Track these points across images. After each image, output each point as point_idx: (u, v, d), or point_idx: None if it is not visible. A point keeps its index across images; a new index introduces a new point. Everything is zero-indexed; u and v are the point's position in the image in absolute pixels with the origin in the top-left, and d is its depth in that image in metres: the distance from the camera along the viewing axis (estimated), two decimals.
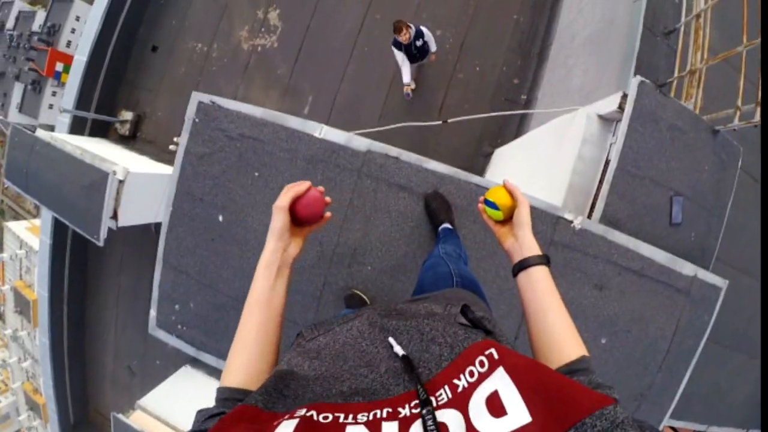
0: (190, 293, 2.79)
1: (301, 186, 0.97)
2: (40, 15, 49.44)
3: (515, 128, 6.02)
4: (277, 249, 0.95)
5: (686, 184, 2.79)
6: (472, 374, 0.58)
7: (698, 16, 3.17)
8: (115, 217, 5.18)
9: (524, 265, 1.02)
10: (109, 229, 5.21)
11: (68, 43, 45.06)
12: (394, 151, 2.51)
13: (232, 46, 7.27)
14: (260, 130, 2.56)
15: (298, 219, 1.01)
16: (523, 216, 1.09)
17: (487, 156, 5.92)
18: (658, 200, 2.73)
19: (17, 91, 46.37)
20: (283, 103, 6.94)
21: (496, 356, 0.59)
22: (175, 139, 6.50)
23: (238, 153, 2.59)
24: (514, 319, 2.48)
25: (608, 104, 2.77)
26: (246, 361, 0.85)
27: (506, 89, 6.32)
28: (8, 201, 54.21)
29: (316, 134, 2.54)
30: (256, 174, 2.58)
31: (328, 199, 1.02)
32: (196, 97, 2.69)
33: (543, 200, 2.47)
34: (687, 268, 2.53)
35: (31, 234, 28.15)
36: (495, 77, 6.38)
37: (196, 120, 2.68)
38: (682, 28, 3.29)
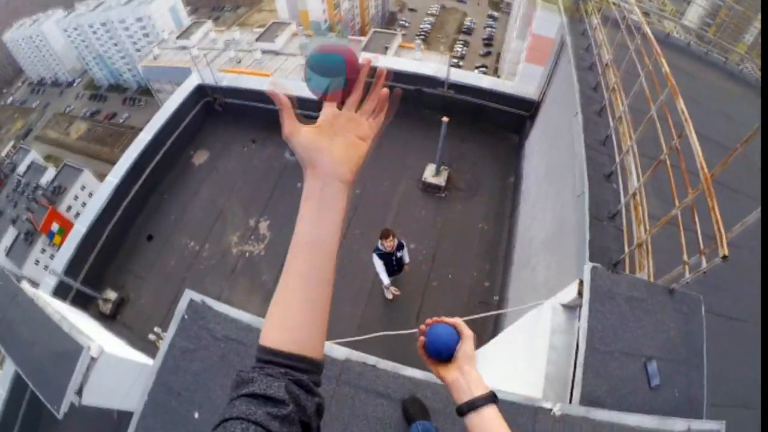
0: None
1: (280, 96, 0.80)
2: (50, 173, 52.35)
3: (491, 329, 6.22)
4: (311, 179, 0.80)
5: (656, 347, 2.87)
6: None
7: (634, 194, 3.58)
8: (79, 393, 4.94)
9: (474, 405, 1.00)
10: (71, 404, 4.91)
11: (69, 208, 46.93)
12: (371, 359, 2.62)
13: (222, 249, 7.78)
14: (245, 334, 2.68)
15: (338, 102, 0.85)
16: (469, 350, 1.08)
17: None
18: (632, 369, 2.78)
19: (10, 234, 47.16)
20: (264, 308, 7.10)
21: None
22: (155, 329, 6.57)
23: (221, 353, 2.66)
24: None
25: (568, 293, 3.00)
26: (288, 318, 0.76)
27: (479, 293, 6.84)
28: None
29: None
30: None
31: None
32: (189, 295, 2.83)
33: (520, 394, 2.51)
34: (678, 425, 2.50)
35: None
36: (467, 282, 6.95)
37: (185, 316, 2.79)
38: (623, 209, 3.69)
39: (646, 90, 3.91)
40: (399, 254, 5.70)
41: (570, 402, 2.68)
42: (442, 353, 1.10)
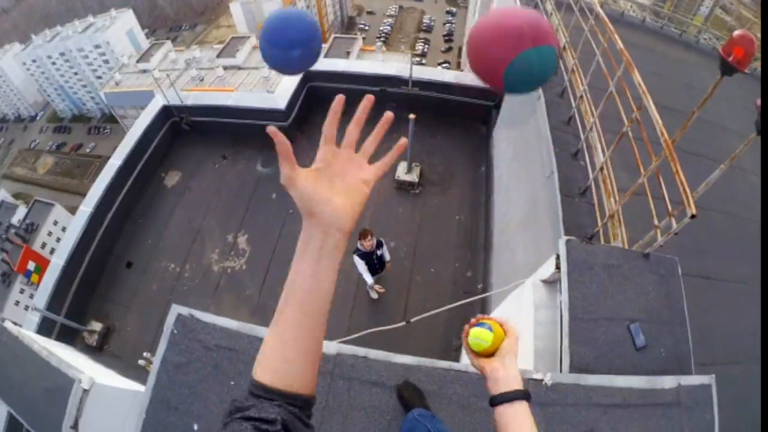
0: None
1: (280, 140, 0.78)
2: (21, 211, 50.85)
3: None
4: (310, 228, 0.78)
5: (638, 309, 2.97)
6: None
7: (601, 169, 3.69)
8: (75, 427, 4.91)
9: (510, 397, 1.05)
10: None
11: (43, 245, 45.72)
12: (362, 351, 2.68)
13: (204, 268, 7.76)
14: (235, 341, 2.70)
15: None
16: (514, 345, 1.15)
17: (457, 349, 6.17)
18: (617, 334, 2.87)
19: None
20: (252, 321, 7.22)
21: None
22: (145, 354, 6.49)
23: (214, 362, 2.67)
24: None
25: (547, 268, 3.10)
26: (283, 360, 0.75)
27: (462, 283, 6.96)
28: None
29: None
30: (232, 383, 2.64)
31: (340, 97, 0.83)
32: (176, 310, 2.84)
33: None
34: (668, 382, 2.59)
35: None
36: (450, 274, 7.07)
37: (175, 331, 2.80)
38: (593, 184, 3.81)
39: (603, 68, 4.04)
40: (379, 252, 5.76)
41: (560, 371, 2.75)
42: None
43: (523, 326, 3.28)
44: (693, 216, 2.49)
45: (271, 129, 0.76)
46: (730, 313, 4.16)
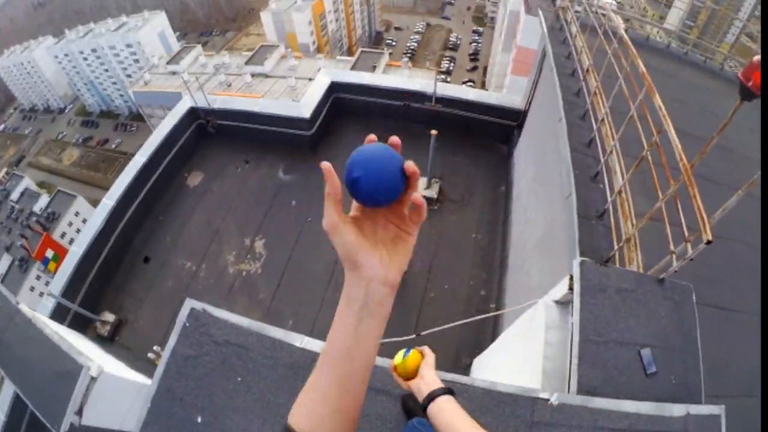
0: None
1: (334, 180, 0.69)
2: (43, 199, 52.24)
3: (490, 337, 6.28)
4: (354, 281, 0.74)
5: (650, 335, 2.93)
6: None
7: (620, 192, 3.68)
8: (79, 413, 4.92)
9: (432, 396, 1.18)
10: (71, 425, 4.87)
11: (63, 234, 46.68)
12: None
13: (219, 269, 7.87)
14: (245, 338, 2.75)
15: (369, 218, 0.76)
16: (428, 360, 1.33)
17: (467, 367, 6.13)
18: (627, 358, 2.83)
19: (4, 262, 46.86)
20: (263, 323, 7.39)
21: None
22: (154, 348, 6.60)
23: (222, 357, 2.72)
24: None
25: (560, 289, 3.08)
26: (319, 413, 0.74)
27: (476, 301, 6.94)
28: None
29: (297, 344, 2.75)
30: (239, 379, 2.68)
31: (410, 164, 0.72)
32: (190, 303, 2.91)
33: (517, 385, 2.58)
34: (676, 410, 2.54)
35: None
36: (464, 292, 7.05)
37: (187, 324, 2.85)
38: (610, 207, 3.79)
39: (625, 91, 4.04)
40: None
41: (568, 393, 2.72)
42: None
43: (532, 346, 3.26)
44: (709, 242, 2.47)
45: (326, 166, 0.68)
46: (744, 345, 4.06)
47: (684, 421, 2.53)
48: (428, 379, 1.27)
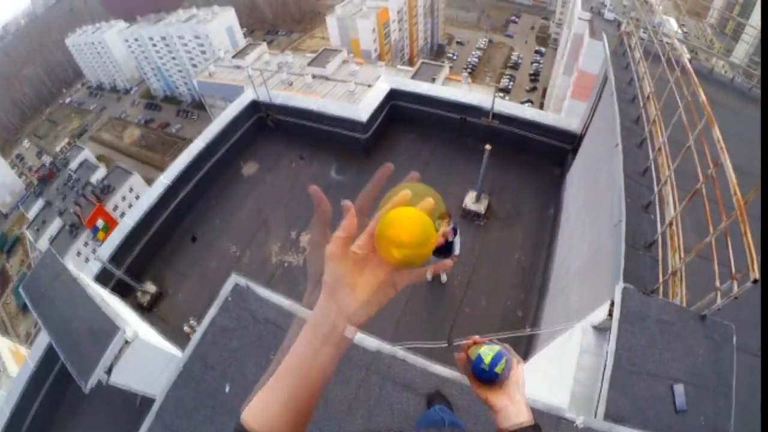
0: None
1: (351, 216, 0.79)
2: (101, 172, 55.00)
3: (522, 355, 6.12)
4: (327, 309, 0.77)
5: (684, 371, 2.86)
6: None
7: (670, 224, 3.60)
8: (108, 372, 5.12)
9: (524, 430, 1.00)
10: (98, 382, 5.08)
11: (115, 207, 48.84)
12: (401, 353, 2.77)
13: (263, 257, 8.09)
14: (284, 319, 2.87)
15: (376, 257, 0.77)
16: (520, 377, 1.10)
17: None
18: (659, 392, 2.78)
19: (56, 225, 49.46)
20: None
21: None
22: (190, 321, 6.83)
23: (259, 334, 2.84)
24: None
25: (599, 314, 3.05)
26: (268, 415, 0.76)
27: (511, 322, 6.80)
28: (3, 316, 53.65)
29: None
30: (271, 356, 2.79)
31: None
32: (234, 279, 3.05)
33: (544, 402, 2.57)
34: None
35: (11, 357, 26.35)
36: (500, 311, 6.96)
37: (229, 298, 3.00)
38: (659, 238, 3.71)
39: (684, 121, 3.97)
40: (450, 238, 5.63)
41: (594, 417, 2.70)
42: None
43: (564, 368, 3.24)
44: (755, 280, 2.41)
45: (314, 190, 0.79)
46: None
47: None
48: (519, 405, 1.06)
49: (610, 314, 2.99)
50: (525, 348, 6.19)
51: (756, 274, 2.41)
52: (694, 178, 3.47)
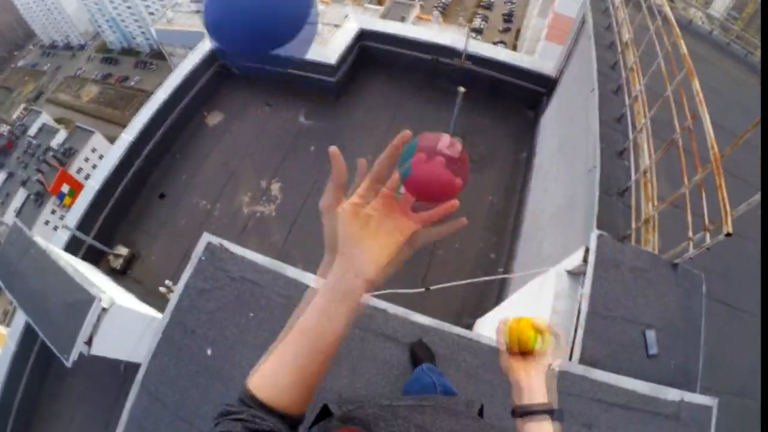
0: (162, 425, 2.65)
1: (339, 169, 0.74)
2: (61, 135, 52.33)
3: (494, 300, 6.28)
4: (344, 272, 0.72)
5: (656, 317, 2.95)
6: None
7: (645, 172, 3.63)
8: (89, 343, 5.04)
9: (537, 410, 0.98)
10: (80, 355, 5.01)
11: (79, 170, 46.88)
12: (382, 304, 2.75)
13: (234, 209, 7.94)
14: (261, 276, 2.81)
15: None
16: (546, 356, 1.06)
17: (468, 327, 6.16)
18: (631, 336, 2.87)
19: (20, 196, 47.36)
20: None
21: None
22: (166, 282, 6.70)
23: (236, 293, 2.78)
24: None
25: (574, 259, 3.08)
26: (277, 381, 0.73)
27: (484, 264, 6.92)
28: None
29: (312, 284, 2.74)
30: (251, 315, 2.75)
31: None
32: (206, 238, 2.95)
33: None
34: (672, 394, 2.59)
35: None
36: (473, 253, 7.02)
37: (203, 258, 2.91)
38: (633, 186, 3.75)
39: (663, 71, 3.91)
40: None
41: (569, 361, 2.76)
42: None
43: (538, 313, 3.28)
44: (728, 234, 2.45)
45: (333, 150, 0.72)
46: (742, 345, 4.06)
47: (678, 406, 2.58)
48: (537, 384, 1.02)
49: (585, 260, 3.02)
50: (497, 291, 6.33)
51: (729, 228, 2.45)
52: (670, 128, 3.47)
